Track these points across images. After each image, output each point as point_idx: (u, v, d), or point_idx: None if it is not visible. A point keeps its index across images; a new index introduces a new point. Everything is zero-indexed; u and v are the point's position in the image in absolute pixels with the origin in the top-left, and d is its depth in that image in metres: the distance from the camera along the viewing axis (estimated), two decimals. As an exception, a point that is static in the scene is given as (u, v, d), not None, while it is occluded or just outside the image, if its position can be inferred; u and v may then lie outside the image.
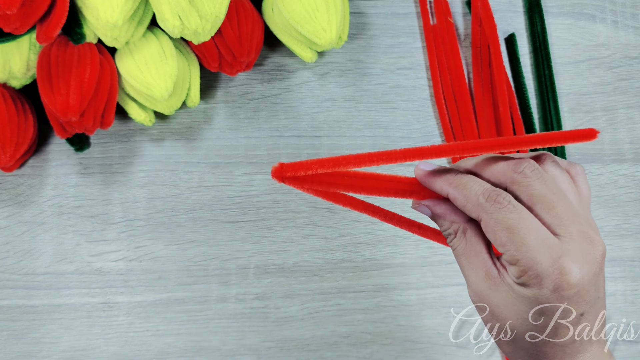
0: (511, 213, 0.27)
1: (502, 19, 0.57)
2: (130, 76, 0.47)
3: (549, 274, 0.26)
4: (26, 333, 0.49)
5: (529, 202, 0.27)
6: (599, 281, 0.27)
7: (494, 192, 0.28)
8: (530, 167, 0.28)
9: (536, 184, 0.27)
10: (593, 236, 0.27)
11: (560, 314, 0.26)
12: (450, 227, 0.30)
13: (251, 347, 0.49)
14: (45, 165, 0.52)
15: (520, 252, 0.26)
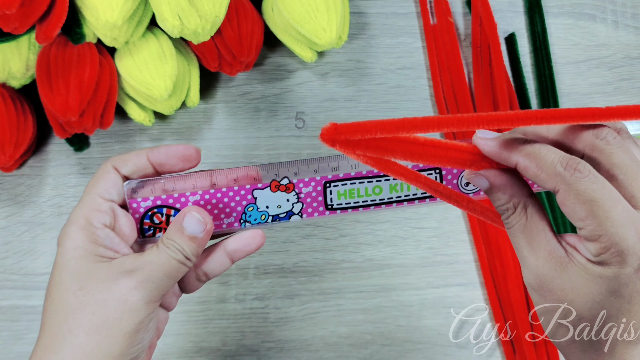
0: (594, 184, 0.24)
1: (502, 19, 0.57)
2: (130, 76, 0.47)
3: (635, 251, 0.24)
4: (26, 333, 0.49)
5: (610, 172, 0.25)
6: None
7: (573, 160, 0.25)
8: (612, 134, 0.26)
9: (619, 152, 0.25)
10: None
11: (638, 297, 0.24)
12: (510, 201, 0.27)
13: (251, 348, 0.49)
14: (45, 166, 0.52)
15: (604, 227, 0.24)
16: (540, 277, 0.26)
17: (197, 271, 0.34)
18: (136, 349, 0.29)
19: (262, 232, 0.34)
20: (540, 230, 0.26)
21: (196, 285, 0.35)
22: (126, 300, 0.28)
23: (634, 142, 0.27)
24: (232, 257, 0.34)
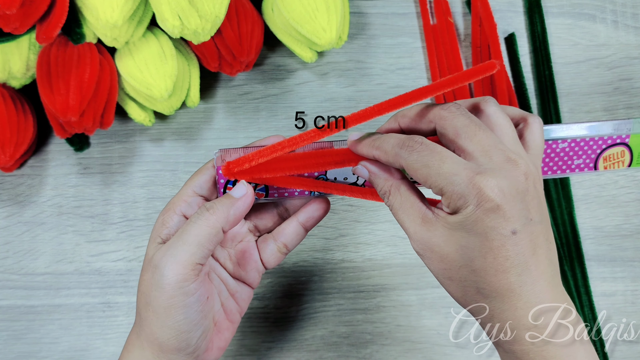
0: (424, 151, 0.29)
1: (502, 19, 0.57)
2: (130, 76, 0.47)
3: (468, 190, 0.27)
4: (26, 333, 0.49)
5: (454, 134, 0.29)
6: (529, 202, 0.28)
7: (407, 139, 0.30)
8: (455, 105, 0.30)
9: (460, 117, 0.29)
10: (515, 159, 0.28)
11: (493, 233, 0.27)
12: (384, 184, 0.32)
13: (251, 348, 0.49)
14: (45, 166, 0.52)
15: (439, 180, 0.28)
16: (421, 241, 0.30)
17: (277, 243, 0.38)
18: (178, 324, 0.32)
19: (327, 199, 0.38)
20: (412, 202, 0.30)
21: (278, 257, 0.38)
22: (152, 277, 0.32)
23: (497, 108, 0.31)
24: (304, 225, 0.38)
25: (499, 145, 0.29)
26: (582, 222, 0.53)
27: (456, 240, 0.28)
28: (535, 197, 0.28)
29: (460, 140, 0.29)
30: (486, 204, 0.27)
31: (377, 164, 0.32)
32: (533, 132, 0.32)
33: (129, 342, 0.34)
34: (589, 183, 0.54)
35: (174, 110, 0.50)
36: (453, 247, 0.29)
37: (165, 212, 0.34)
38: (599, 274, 0.52)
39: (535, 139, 0.32)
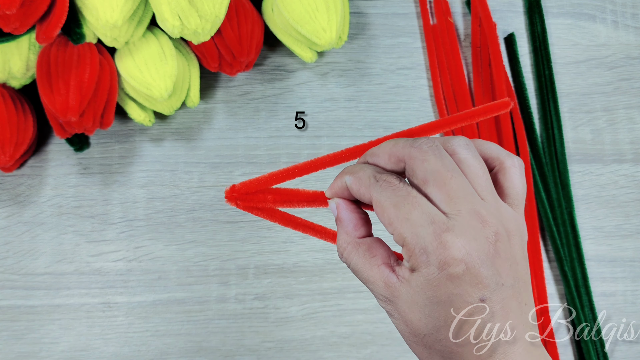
0: (399, 190, 0.27)
1: (502, 19, 0.57)
2: (130, 76, 0.47)
3: (432, 248, 0.25)
4: (26, 333, 0.49)
5: (423, 177, 0.27)
6: (500, 265, 0.25)
7: (386, 174, 0.28)
8: (427, 143, 0.27)
9: (432, 159, 0.27)
10: (486, 216, 0.26)
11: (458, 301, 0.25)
12: (344, 239, 0.30)
13: (251, 348, 0.49)
14: (45, 166, 0.52)
15: (405, 227, 0.26)
16: (385, 303, 0.28)
17: None
18: None
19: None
20: (373, 264, 0.28)
21: None
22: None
23: (469, 149, 0.28)
24: None
25: (470, 197, 0.26)
26: (582, 222, 0.53)
27: (420, 308, 0.26)
28: (507, 259, 0.26)
29: (429, 187, 0.26)
30: (451, 269, 0.25)
31: (347, 208, 0.30)
32: (510, 178, 0.28)
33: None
34: (589, 183, 0.54)
35: (174, 110, 0.50)
36: (417, 315, 0.26)
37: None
38: (599, 274, 0.52)
39: (513, 185, 0.28)
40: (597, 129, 0.55)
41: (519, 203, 0.29)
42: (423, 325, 0.26)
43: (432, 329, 0.26)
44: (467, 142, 0.28)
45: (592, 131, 0.55)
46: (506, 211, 0.27)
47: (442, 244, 0.25)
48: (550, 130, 0.54)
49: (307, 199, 0.33)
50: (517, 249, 0.27)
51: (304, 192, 0.33)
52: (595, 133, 0.55)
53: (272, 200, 0.33)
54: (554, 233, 0.51)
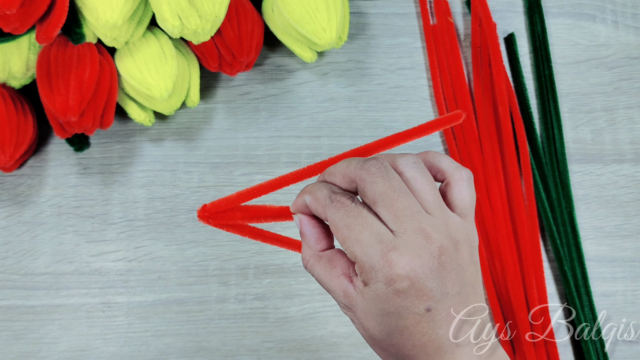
0: (351, 211, 0.29)
1: (502, 19, 0.57)
2: (130, 76, 0.47)
3: (380, 266, 0.27)
4: (25, 333, 0.49)
5: (372, 198, 0.29)
6: (445, 276, 0.27)
7: (339, 195, 0.30)
8: (376, 165, 0.29)
9: (379, 181, 0.28)
10: (430, 233, 0.28)
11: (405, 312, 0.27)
12: (306, 253, 0.32)
13: (251, 348, 0.49)
14: (45, 166, 0.52)
15: (356, 247, 0.28)
16: (345, 309, 0.30)
17: None
18: None
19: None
20: (333, 275, 0.30)
21: None
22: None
23: (416, 166, 0.30)
24: None
25: (416, 215, 0.28)
26: (582, 222, 0.53)
27: (374, 316, 0.28)
28: (453, 269, 0.28)
29: (378, 208, 0.28)
30: (396, 284, 0.27)
31: (308, 223, 0.32)
32: (459, 190, 0.31)
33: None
34: (589, 183, 0.54)
35: (174, 110, 0.50)
36: (372, 323, 0.29)
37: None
38: (599, 274, 0.52)
39: (462, 197, 0.30)
40: (597, 129, 0.55)
41: (468, 212, 0.31)
42: (377, 332, 0.29)
43: (385, 335, 0.29)
44: (415, 159, 0.30)
45: (592, 131, 0.55)
46: (454, 222, 0.29)
47: (388, 262, 0.27)
48: (550, 130, 0.54)
49: (274, 215, 0.35)
50: (465, 256, 0.29)
51: (270, 208, 0.35)
52: (595, 133, 0.55)
53: (241, 217, 0.35)
54: (554, 233, 0.51)
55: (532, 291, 0.49)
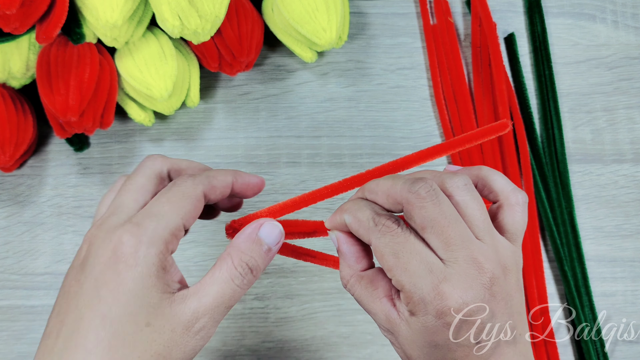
0: (398, 237, 0.27)
1: (502, 19, 0.57)
2: (130, 76, 0.47)
3: (430, 299, 0.26)
4: (25, 333, 0.49)
5: (421, 224, 0.27)
6: (495, 307, 0.27)
7: (382, 216, 0.28)
8: (425, 188, 0.27)
9: (429, 206, 0.27)
10: (482, 262, 0.27)
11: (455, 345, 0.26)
12: (346, 272, 0.30)
13: (251, 348, 0.49)
14: (45, 166, 0.52)
15: (404, 277, 0.27)
16: (387, 333, 0.29)
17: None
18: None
19: (262, 179, 0.34)
20: (375, 297, 0.29)
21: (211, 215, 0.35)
22: (189, 342, 0.27)
23: (467, 189, 0.28)
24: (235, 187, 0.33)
25: (467, 243, 0.27)
26: (582, 222, 0.53)
27: (419, 347, 0.27)
28: (503, 299, 0.27)
29: (427, 234, 0.27)
30: (448, 318, 0.26)
31: (347, 241, 0.30)
32: (512, 215, 0.29)
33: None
34: (589, 183, 0.54)
35: (174, 110, 0.50)
36: (416, 352, 0.28)
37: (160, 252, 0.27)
38: (599, 274, 0.52)
39: (515, 222, 0.29)
40: (597, 129, 0.55)
41: (518, 237, 0.30)
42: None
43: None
44: (466, 181, 0.29)
45: (592, 131, 0.55)
46: (503, 247, 0.28)
47: (440, 294, 0.26)
48: (550, 130, 0.54)
49: (307, 230, 0.33)
50: (513, 283, 0.28)
51: (303, 222, 0.33)
52: (595, 133, 0.55)
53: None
54: (554, 233, 0.51)
55: (532, 291, 0.49)
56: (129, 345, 0.26)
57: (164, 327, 0.26)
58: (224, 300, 0.28)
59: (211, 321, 0.28)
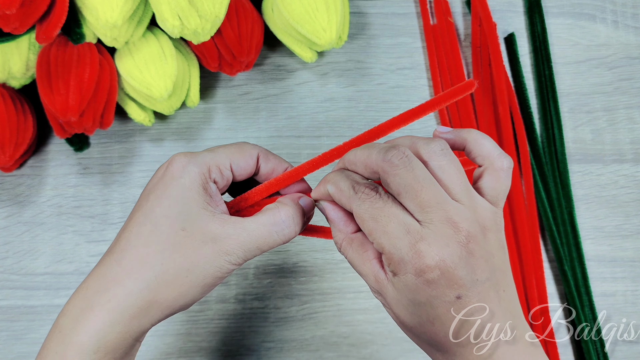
0: (376, 202, 0.28)
1: (502, 19, 0.57)
2: (130, 76, 0.47)
3: (409, 258, 0.27)
4: (25, 333, 0.49)
5: (396, 190, 0.28)
6: (474, 264, 0.27)
7: (361, 184, 0.30)
8: (397, 155, 0.28)
9: (402, 172, 0.28)
10: (457, 222, 0.27)
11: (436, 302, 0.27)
12: (338, 236, 0.32)
13: (251, 348, 0.49)
14: (45, 166, 0.52)
15: (383, 239, 0.28)
16: (377, 294, 0.30)
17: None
18: (202, 297, 0.31)
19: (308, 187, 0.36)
20: (365, 259, 0.30)
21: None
22: (216, 257, 0.30)
23: (444, 154, 0.29)
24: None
25: (442, 204, 0.28)
26: (582, 222, 0.53)
27: (404, 306, 0.29)
28: (482, 256, 0.28)
29: (403, 199, 0.28)
30: (426, 275, 0.27)
31: (334, 208, 0.32)
32: (496, 179, 0.30)
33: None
34: (589, 183, 0.54)
35: (174, 110, 0.50)
36: (403, 312, 0.29)
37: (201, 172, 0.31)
38: (599, 274, 0.52)
39: (497, 186, 0.30)
40: (597, 129, 0.55)
41: (499, 201, 0.30)
42: (408, 320, 0.29)
43: (416, 324, 0.29)
44: (442, 146, 0.30)
45: (592, 131, 0.55)
46: (482, 208, 0.29)
47: (417, 253, 0.27)
48: (550, 130, 0.54)
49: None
50: (493, 242, 0.29)
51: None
52: (595, 133, 0.55)
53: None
54: (554, 233, 0.51)
55: (532, 291, 0.49)
56: (162, 242, 0.30)
57: (195, 236, 0.30)
58: (258, 239, 0.31)
59: (240, 250, 0.30)
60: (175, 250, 0.30)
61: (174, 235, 0.30)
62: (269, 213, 0.31)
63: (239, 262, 0.31)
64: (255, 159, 0.33)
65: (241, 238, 0.30)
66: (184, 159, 0.31)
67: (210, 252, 0.30)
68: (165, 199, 0.30)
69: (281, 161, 0.34)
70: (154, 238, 0.30)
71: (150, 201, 0.30)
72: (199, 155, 0.31)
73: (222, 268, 0.30)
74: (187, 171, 0.31)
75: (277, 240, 0.31)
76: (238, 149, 0.33)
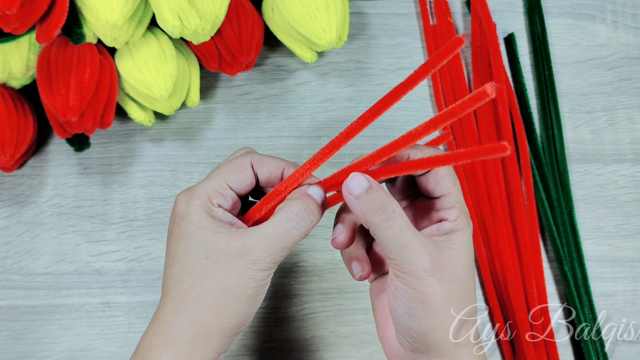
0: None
1: (502, 19, 0.57)
2: (130, 76, 0.47)
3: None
4: (26, 333, 0.49)
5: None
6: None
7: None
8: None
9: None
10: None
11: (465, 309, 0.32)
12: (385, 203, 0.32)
13: (251, 348, 0.49)
14: (45, 166, 0.52)
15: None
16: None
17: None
18: (255, 307, 0.33)
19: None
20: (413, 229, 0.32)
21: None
22: (245, 270, 0.31)
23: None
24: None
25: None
26: (582, 222, 0.53)
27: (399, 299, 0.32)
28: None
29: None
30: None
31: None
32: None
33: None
34: (589, 183, 0.54)
35: (174, 111, 0.50)
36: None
37: (203, 203, 0.33)
38: (599, 274, 0.52)
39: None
40: (597, 129, 0.55)
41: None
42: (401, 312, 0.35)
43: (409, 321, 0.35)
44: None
45: (592, 131, 0.55)
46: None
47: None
48: (550, 130, 0.54)
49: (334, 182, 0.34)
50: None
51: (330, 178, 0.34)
52: (595, 133, 0.55)
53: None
54: (554, 233, 0.51)
55: (532, 291, 0.49)
56: (192, 275, 0.31)
57: (219, 258, 0.31)
58: (279, 240, 0.31)
59: (265, 256, 0.31)
60: (206, 277, 0.31)
61: (200, 265, 0.31)
62: (280, 212, 0.32)
63: (269, 267, 0.32)
64: (250, 169, 0.34)
65: (262, 245, 0.31)
66: (184, 197, 0.33)
67: (237, 268, 0.31)
68: (181, 237, 0.32)
69: (277, 162, 0.35)
70: (183, 275, 0.32)
71: (172, 244, 0.33)
72: (196, 188, 0.33)
73: (256, 277, 0.31)
74: (190, 207, 0.32)
75: (296, 234, 0.32)
76: (230, 166, 0.34)
